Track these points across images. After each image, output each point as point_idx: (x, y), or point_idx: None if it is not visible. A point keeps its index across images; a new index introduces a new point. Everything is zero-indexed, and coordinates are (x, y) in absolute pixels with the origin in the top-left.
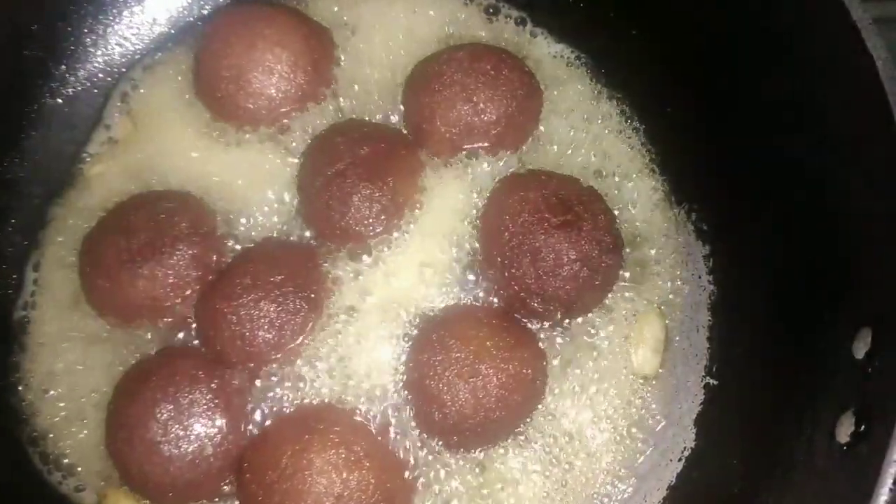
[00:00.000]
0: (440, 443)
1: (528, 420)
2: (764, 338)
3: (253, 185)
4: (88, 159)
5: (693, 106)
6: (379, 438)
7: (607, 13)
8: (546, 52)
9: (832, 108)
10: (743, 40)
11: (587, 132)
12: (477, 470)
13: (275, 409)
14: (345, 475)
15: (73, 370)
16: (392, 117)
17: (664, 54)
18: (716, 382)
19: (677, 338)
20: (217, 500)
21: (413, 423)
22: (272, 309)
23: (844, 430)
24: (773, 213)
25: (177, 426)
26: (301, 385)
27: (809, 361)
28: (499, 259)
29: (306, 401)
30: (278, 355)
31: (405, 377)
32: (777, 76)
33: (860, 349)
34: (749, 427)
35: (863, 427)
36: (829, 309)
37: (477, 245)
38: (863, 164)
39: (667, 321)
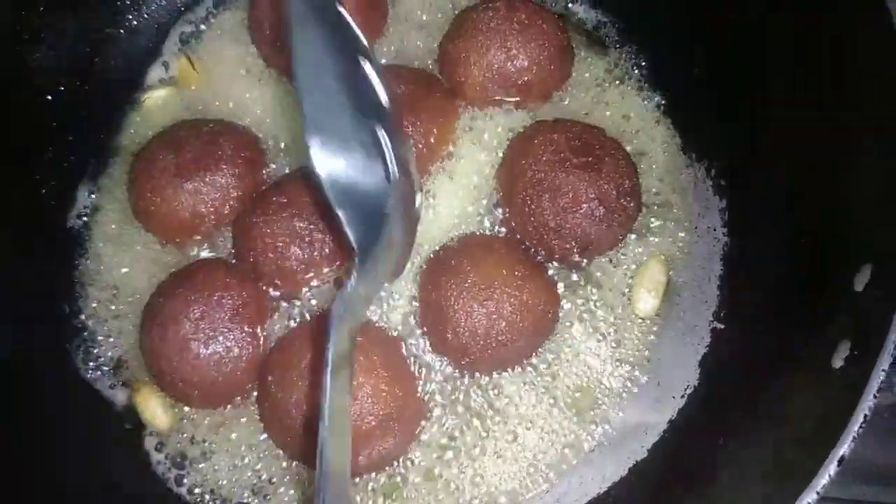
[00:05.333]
0: (451, 363)
1: (539, 350)
2: (771, 285)
3: (296, 124)
4: (145, 90)
5: (716, 70)
6: (397, 354)
7: None
8: (581, 16)
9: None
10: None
11: (613, 93)
12: (483, 392)
13: (300, 322)
14: (361, 379)
15: (117, 279)
16: (434, 70)
17: (692, 19)
18: (722, 326)
19: (688, 285)
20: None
21: (428, 344)
22: (304, 227)
23: (840, 356)
24: (787, 174)
25: (207, 326)
26: (327, 302)
27: (813, 305)
28: (520, 196)
29: None
30: (308, 274)
31: (422, 300)
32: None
33: (860, 283)
34: (750, 366)
35: (856, 352)
36: (832, 258)
37: (500, 186)
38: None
39: (669, 268)
